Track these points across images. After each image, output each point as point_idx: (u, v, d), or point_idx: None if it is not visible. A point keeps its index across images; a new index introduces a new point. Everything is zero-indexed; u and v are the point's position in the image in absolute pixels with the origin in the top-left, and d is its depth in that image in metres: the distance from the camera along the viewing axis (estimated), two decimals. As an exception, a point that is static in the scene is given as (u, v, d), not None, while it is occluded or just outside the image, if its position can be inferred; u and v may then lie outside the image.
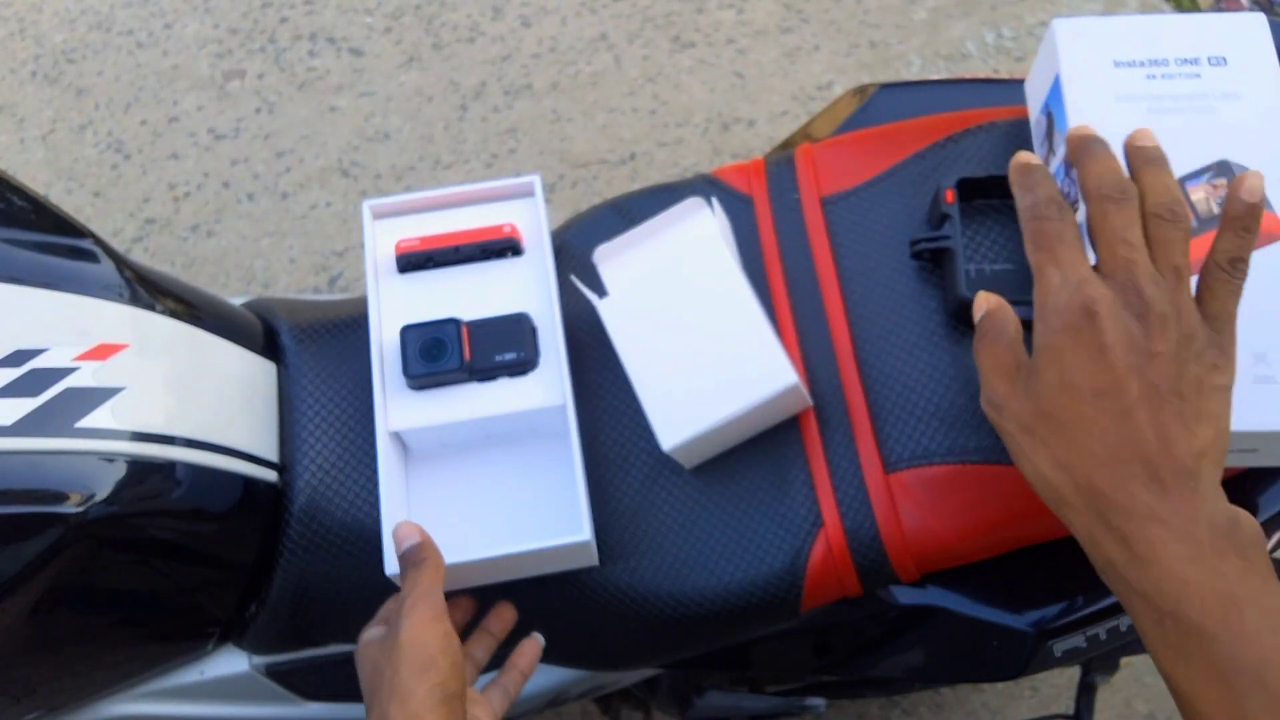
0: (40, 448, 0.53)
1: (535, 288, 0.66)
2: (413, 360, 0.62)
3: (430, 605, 0.53)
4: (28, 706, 0.62)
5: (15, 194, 0.63)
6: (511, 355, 0.63)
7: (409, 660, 0.51)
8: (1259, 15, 0.62)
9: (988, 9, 1.61)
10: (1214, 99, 0.59)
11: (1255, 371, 0.53)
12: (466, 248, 0.66)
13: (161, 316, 0.62)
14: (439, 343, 0.63)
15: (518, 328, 0.64)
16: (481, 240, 0.66)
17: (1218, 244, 0.48)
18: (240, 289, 1.51)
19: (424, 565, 0.55)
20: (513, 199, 0.69)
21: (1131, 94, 0.60)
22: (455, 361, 0.62)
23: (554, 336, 0.64)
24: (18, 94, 1.65)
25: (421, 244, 0.66)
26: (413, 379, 0.63)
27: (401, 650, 0.51)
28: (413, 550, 0.56)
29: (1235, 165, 0.58)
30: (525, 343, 0.63)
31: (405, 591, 0.54)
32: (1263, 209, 0.48)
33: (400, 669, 0.51)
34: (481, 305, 0.65)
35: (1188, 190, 0.57)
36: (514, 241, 0.66)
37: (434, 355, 0.62)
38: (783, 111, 1.56)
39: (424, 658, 0.51)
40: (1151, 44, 0.61)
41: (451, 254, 0.66)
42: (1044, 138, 0.64)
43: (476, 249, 0.66)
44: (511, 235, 0.66)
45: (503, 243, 0.66)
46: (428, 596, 0.54)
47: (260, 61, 1.65)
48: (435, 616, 0.53)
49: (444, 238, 0.66)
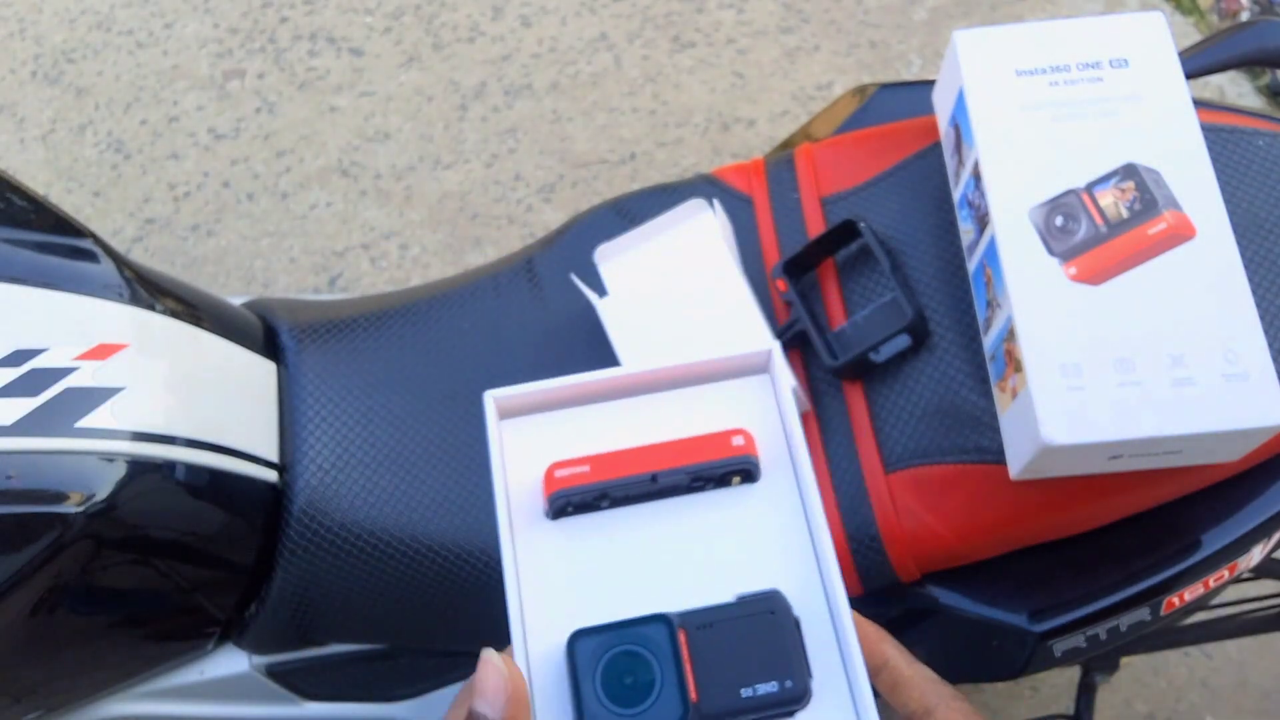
0: (40, 448, 0.53)
1: (785, 538, 0.39)
2: (594, 703, 0.35)
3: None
4: (28, 706, 0.62)
5: (15, 194, 0.63)
6: (771, 687, 0.35)
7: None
8: (1157, 14, 0.62)
9: (988, 9, 1.61)
10: (1117, 101, 0.60)
11: (1173, 374, 0.53)
12: (669, 475, 0.39)
13: (161, 316, 0.62)
14: (639, 666, 0.36)
15: (772, 627, 0.36)
16: (694, 463, 0.39)
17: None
18: (240, 289, 1.50)
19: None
20: (727, 380, 0.42)
21: (1035, 102, 0.60)
22: (672, 706, 0.35)
23: (829, 629, 0.37)
24: (18, 94, 1.65)
25: (592, 471, 0.39)
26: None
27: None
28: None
29: (1141, 167, 0.58)
30: (788, 654, 0.36)
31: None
32: None
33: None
34: (695, 581, 0.38)
35: (1096, 195, 0.58)
36: (748, 461, 0.39)
37: (632, 691, 0.35)
38: (783, 111, 1.56)
39: None
40: (1053, 50, 0.61)
41: (643, 486, 0.39)
42: (953, 150, 0.64)
43: (684, 476, 0.39)
44: (745, 451, 0.39)
45: (729, 464, 0.39)
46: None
47: (260, 61, 1.65)
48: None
49: (629, 457, 0.39)
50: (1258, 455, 0.61)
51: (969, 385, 0.61)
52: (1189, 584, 0.64)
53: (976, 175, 0.59)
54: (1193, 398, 0.53)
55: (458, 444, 0.67)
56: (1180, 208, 0.56)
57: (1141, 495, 0.61)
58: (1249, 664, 1.21)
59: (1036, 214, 0.58)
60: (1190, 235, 0.56)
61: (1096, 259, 0.56)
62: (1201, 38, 0.74)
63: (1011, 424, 0.57)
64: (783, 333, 0.64)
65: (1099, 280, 0.56)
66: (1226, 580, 0.66)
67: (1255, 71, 1.56)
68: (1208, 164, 0.58)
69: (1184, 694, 1.20)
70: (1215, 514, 0.63)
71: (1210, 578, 0.65)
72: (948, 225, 0.66)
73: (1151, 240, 0.56)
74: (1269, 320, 0.59)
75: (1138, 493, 0.61)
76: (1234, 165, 0.64)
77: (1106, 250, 0.53)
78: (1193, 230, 0.56)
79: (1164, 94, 0.59)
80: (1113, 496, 0.61)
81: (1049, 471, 0.56)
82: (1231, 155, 0.64)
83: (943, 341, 0.63)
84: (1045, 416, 0.53)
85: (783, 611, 0.37)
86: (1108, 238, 0.56)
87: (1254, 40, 0.68)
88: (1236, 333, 0.54)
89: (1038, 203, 0.58)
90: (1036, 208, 0.58)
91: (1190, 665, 1.22)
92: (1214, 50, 0.68)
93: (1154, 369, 0.53)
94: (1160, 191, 0.57)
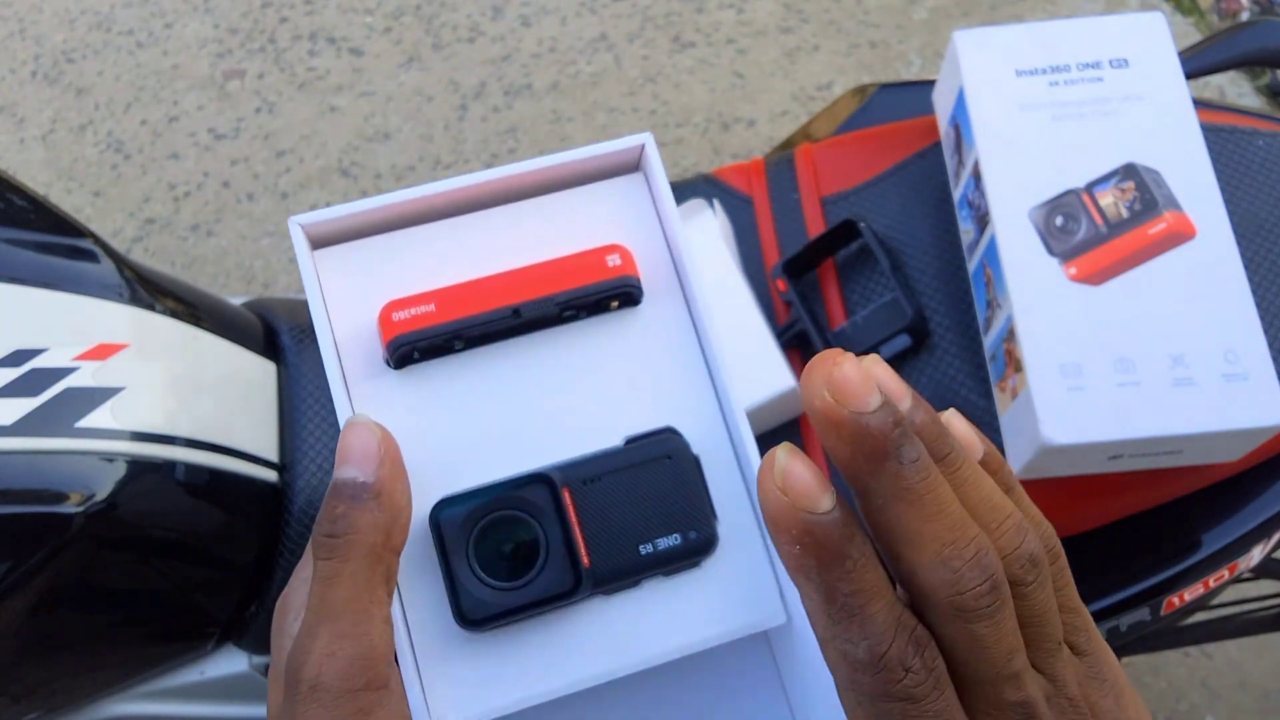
0: (40, 448, 0.53)
1: (677, 367, 0.33)
2: (469, 580, 0.30)
3: (354, 645, 0.27)
4: (28, 706, 0.61)
5: (15, 194, 0.63)
6: (673, 540, 0.31)
7: None
8: (1157, 14, 0.62)
9: (988, 9, 1.61)
10: (1117, 102, 0.60)
11: (1174, 374, 0.53)
12: (533, 306, 0.32)
13: (161, 316, 0.62)
14: (519, 533, 0.31)
15: (669, 471, 0.31)
16: (562, 291, 0.32)
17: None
18: (240, 289, 1.50)
19: (362, 526, 0.28)
20: (591, 184, 0.34)
21: (1035, 102, 0.60)
22: (561, 574, 0.30)
23: (733, 464, 0.32)
24: (18, 94, 1.65)
25: (439, 310, 0.31)
26: (472, 623, 0.30)
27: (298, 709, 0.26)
28: (352, 487, 0.28)
29: (1141, 167, 0.58)
30: (690, 501, 0.31)
31: (316, 587, 0.28)
32: None
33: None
34: (574, 426, 0.32)
35: (1096, 195, 0.58)
36: (627, 282, 0.32)
37: (512, 562, 0.30)
38: (783, 111, 1.56)
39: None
40: (1053, 51, 0.61)
41: (504, 323, 0.32)
42: (953, 150, 0.64)
43: (552, 306, 0.32)
44: (623, 271, 0.32)
45: (606, 288, 0.32)
46: (350, 612, 0.27)
47: (260, 61, 1.64)
48: (355, 666, 0.26)
49: (482, 289, 0.32)
50: (1258, 455, 0.61)
51: (969, 385, 0.61)
52: (1189, 584, 0.64)
53: (976, 175, 0.59)
54: (1192, 398, 0.53)
55: (458, 444, 0.67)
56: (1180, 208, 0.57)
57: (1141, 495, 0.61)
58: (1249, 664, 1.21)
59: (1036, 214, 0.58)
60: (1190, 235, 0.56)
61: (1096, 259, 0.56)
62: (1201, 38, 0.74)
63: (1011, 424, 0.57)
64: (783, 333, 0.64)
65: (1099, 280, 0.56)
66: (1226, 580, 0.66)
67: (1255, 71, 1.56)
68: (1208, 164, 0.58)
69: (1184, 694, 1.20)
70: (1215, 514, 0.63)
71: (1210, 578, 0.65)
72: (948, 225, 0.66)
73: (1151, 240, 0.56)
74: (1269, 320, 0.59)
75: (1138, 493, 0.61)
76: (1234, 165, 0.64)
77: (1106, 250, 0.53)
78: (1193, 230, 0.56)
79: (1164, 94, 0.60)
80: (1113, 496, 0.61)
81: (1049, 471, 0.56)
82: (1231, 155, 0.64)
83: (943, 341, 0.63)
84: (1045, 416, 0.53)
85: (679, 452, 0.31)
86: (1108, 238, 0.56)
87: (1254, 40, 0.68)
88: (1236, 333, 0.54)
89: (1038, 203, 0.58)
90: (1036, 208, 0.58)
91: (1190, 665, 1.21)
92: (1214, 50, 0.68)
93: (1154, 369, 0.53)
94: (1160, 191, 0.57)
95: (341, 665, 0.26)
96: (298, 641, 0.27)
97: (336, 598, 0.27)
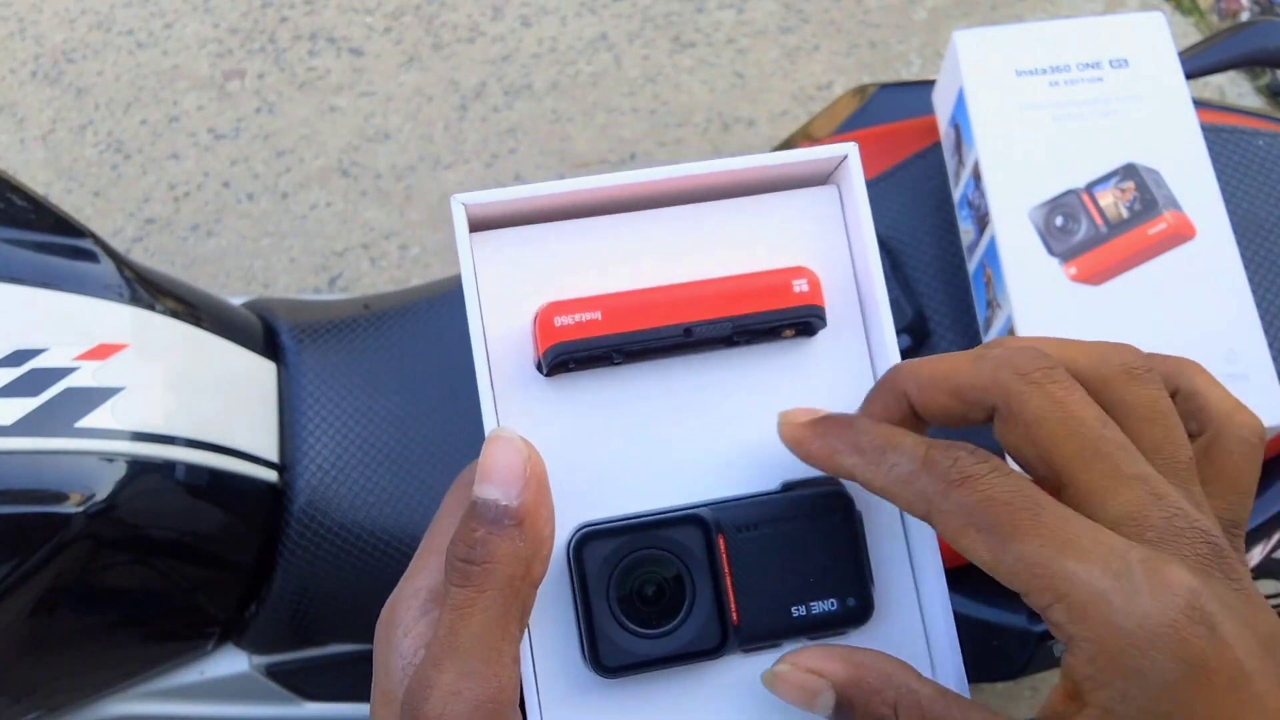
0: (40, 448, 0.53)
1: (850, 407, 0.29)
2: (606, 622, 0.28)
3: (481, 687, 0.25)
4: (28, 706, 0.62)
5: (15, 194, 0.63)
6: (829, 605, 0.28)
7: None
8: (1157, 14, 0.62)
9: (988, 9, 1.61)
10: (1117, 102, 0.60)
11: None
12: (706, 327, 0.29)
13: (161, 316, 0.62)
14: (665, 577, 0.28)
15: (832, 528, 0.29)
16: (742, 313, 0.29)
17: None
18: (240, 289, 1.50)
19: (501, 555, 0.25)
20: (779, 193, 0.31)
21: (1035, 102, 0.60)
22: (708, 627, 0.28)
23: (897, 524, 0.30)
24: (18, 94, 1.65)
25: (605, 319, 0.29)
26: (607, 670, 0.27)
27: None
28: (493, 510, 0.26)
29: (1141, 167, 0.58)
30: (850, 563, 0.29)
31: (446, 615, 0.26)
32: None
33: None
34: (733, 462, 0.30)
35: (1096, 195, 0.58)
36: (812, 312, 0.29)
37: (655, 608, 0.28)
38: (783, 111, 1.56)
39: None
40: (1053, 50, 0.61)
41: (672, 340, 0.29)
42: (953, 150, 0.64)
43: (726, 328, 0.29)
44: (809, 300, 0.29)
45: (788, 316, 0.29)
46: (480, 648, 0.25)
47: (260, 61, 1.65)
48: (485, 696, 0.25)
49: (653, 300, 0.29)
50: (1258, 455, 0.61)
51: (969, 385, 0.61)
52: (1189, 584, 0.64)
53: (976, 175, 0.59)
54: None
55: (458, 444, 0.67)
56: (1180, 208, 0.57)
57: (1141, 495, 0.61)
58: (1249, 664, 1.21)
59: (1036, 214, 0.58)
60: (1190, 235, 0.56)
61: (1096, 259, 0.56)
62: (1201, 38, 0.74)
63: (1011, 424, 0.57)
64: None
65: (1099, 280, 0.56)
66: (1226, 580, 0.66)
67: (1255, 71, 1.56)
68: (1208, 164, 0.58)
69: (1184, 694, 1.20)
70: (1215, 514, 0.63)
71: (1210, 578, 0.65)
72: (948, 225, 0.66)
73: (1151, 240, 0.56)
74: (1269, 320, 0.59)
75: (1138, 493, 0.61)
76: (1234, 165, 0.64)
77: (1106, 250, 0.53)
78: (1193, 230, 0.56)
79: (1164, 94, 0.60)
80: (1113, 496, 0.61)
81: (1049, 471, 0.56)
82: (1231, 155, 0.64)
83: (943, 341, 0.63)
84: None
85: (844, 509, 0.28)
86: (1108, 238, 0.56)
87: (1254, 40, 0.68)
88: (1236, 333, 0.54)
89: (1038, 203, 0.58)
90: (1036, 208, 0.58)
91: (1190, 665, 1.21)
92: (1214, 50, 0.68)
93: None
94: (1160, 191, 0.57)
95: (465, 709, 0.24)
96: (421, 672, 0.26)
97: (468, 631, 0.25)
